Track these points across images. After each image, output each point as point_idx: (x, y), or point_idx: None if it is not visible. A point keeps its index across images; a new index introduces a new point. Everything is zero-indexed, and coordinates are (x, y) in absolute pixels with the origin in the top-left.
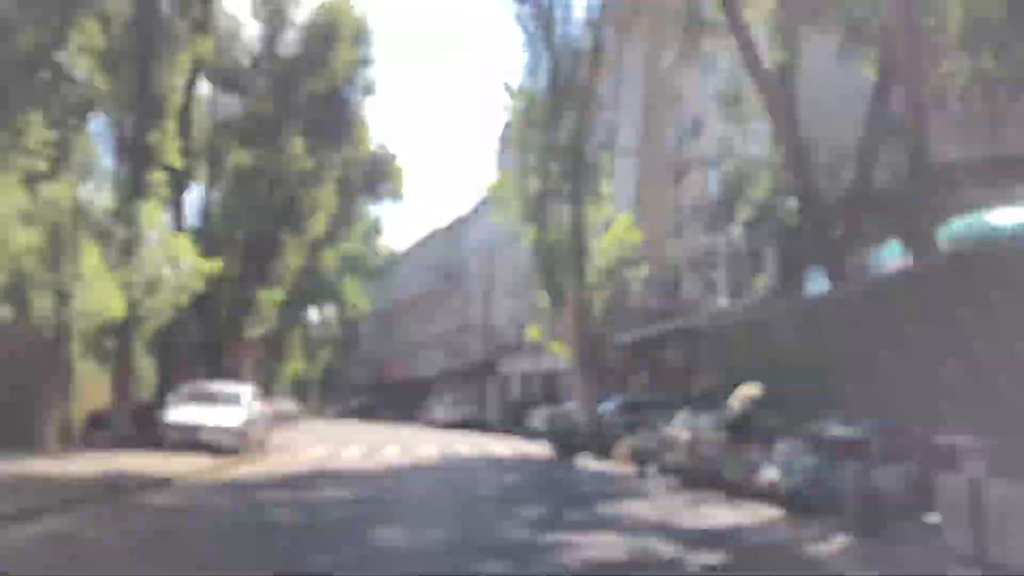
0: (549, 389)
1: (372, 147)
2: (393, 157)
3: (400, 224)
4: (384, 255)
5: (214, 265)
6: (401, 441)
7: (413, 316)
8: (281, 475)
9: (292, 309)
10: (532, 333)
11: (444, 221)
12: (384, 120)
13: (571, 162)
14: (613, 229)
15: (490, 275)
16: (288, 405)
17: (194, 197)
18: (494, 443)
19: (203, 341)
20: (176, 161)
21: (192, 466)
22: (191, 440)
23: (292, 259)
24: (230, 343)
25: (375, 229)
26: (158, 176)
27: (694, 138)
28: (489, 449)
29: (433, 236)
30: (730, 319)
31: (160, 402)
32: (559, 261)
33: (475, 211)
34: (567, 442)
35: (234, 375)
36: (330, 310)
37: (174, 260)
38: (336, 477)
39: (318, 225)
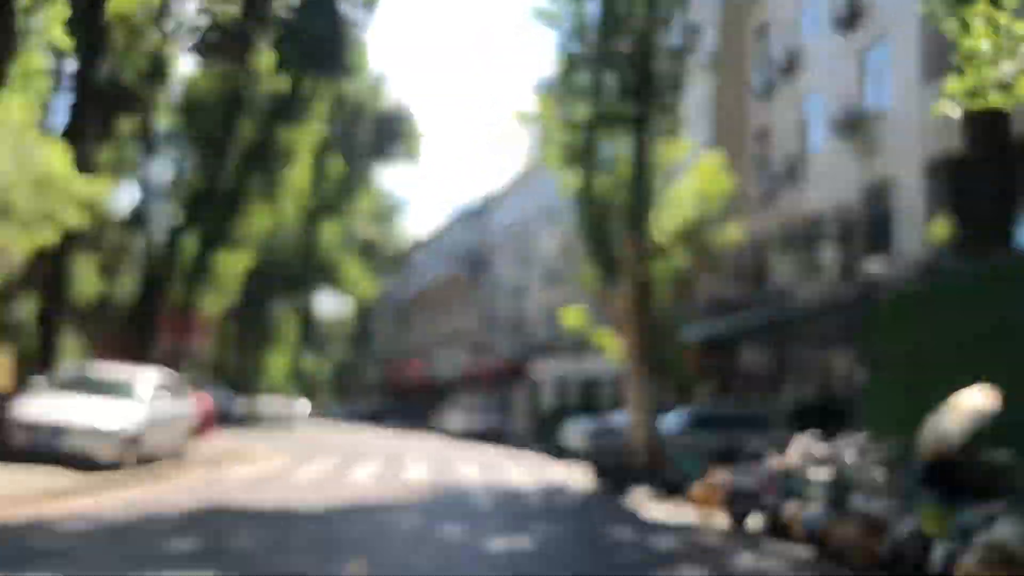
0: (589, 397)
1: (384, 101)
2: (409, 115)
3: (423, 211)
4: (402, 241)
5: (97, 188)
6: (390, 455)
7: (433, 309)
8: (144, 513)
9: (279, 289)
10: (571, 318)
11: (471, 201)
12: (400, 79)
13: (635, 72)
14: (696, 173)
15: (522, 262)
16: (277, 405)
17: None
18: (514, 464)
19: (133, 313)
20: (63, 41)
21: (31, 490)
22: (51, 448)
23: (259, 216)
24: (174, 319)
25: (393, 211)
26: (30, 60)
27: (786, 74)
28: (505, 474)
29: (458, 219)
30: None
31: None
32: (613, 219)
33: (506, 190)
34: (616, 470)
35: (173, 362)
36: (334, 300)
37: (33, 172)
38: (234, 518)
39: (299, 174)
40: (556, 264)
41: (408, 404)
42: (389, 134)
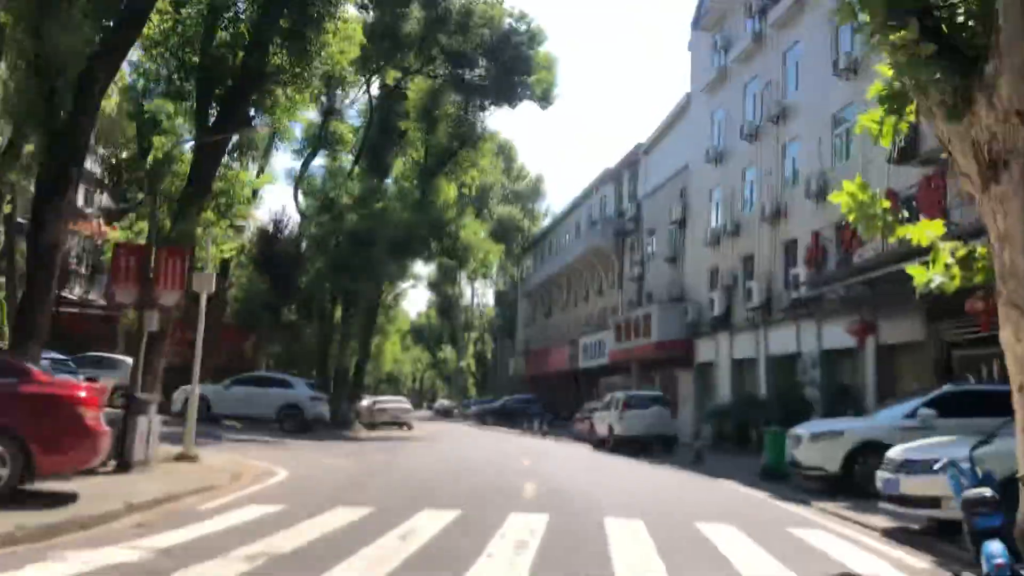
0: (789, 386)
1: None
2: (537, 36)
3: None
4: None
5: None
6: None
7: (573, 289)
8: None
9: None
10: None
11: (616, 162)
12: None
13: None
14: None
15: (683, 222)
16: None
17: None
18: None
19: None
20: None
21: None
22: None
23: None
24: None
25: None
26: None
27: None
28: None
29: (602, 181)
30: None
31: None
32: None
33: (657, 137)
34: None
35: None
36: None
37: None
38: None
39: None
40: (735, 213)
41: (551, 397)
42: (512, 63)
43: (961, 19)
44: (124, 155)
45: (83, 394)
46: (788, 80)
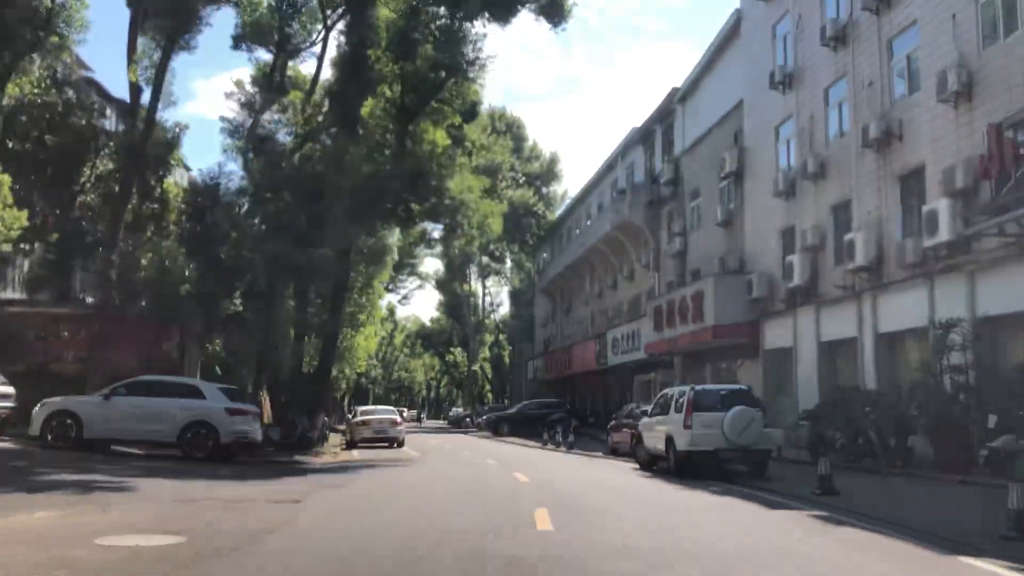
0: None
1: None
2: None
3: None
4: (556, 203)
5: None
6: None
7: (598, 277)
8: None
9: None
10: None
11: (644, 118)
12: None
13: None
14: None
15: (741, 172)
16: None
17: None
18: None
19: None
20: None
21: None
22: None
23: None
24: None
25: (545, 170)
26: None
27: None
28: None
29: (629, 144)
30: None
31: None
32: None
33: (701, 73)
34: None
35: None
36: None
37: None
38: None
39: None
40: (818, 148)
41: (575, 401)
42: None
43: None
44: None
45: None
46: None
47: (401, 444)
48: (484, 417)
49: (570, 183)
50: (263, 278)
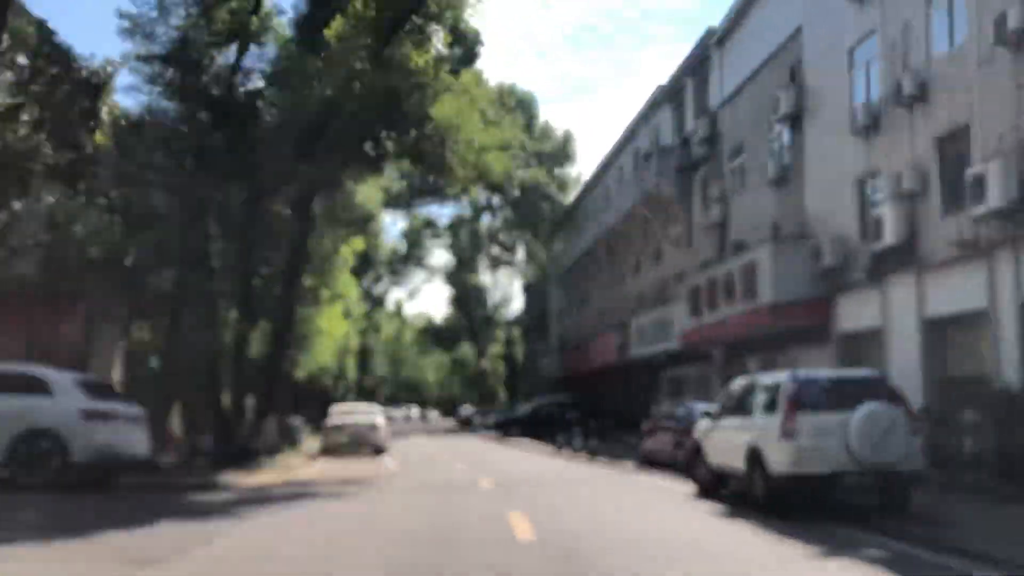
0: None
1: None
2: None
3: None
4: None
5: None
6: None
7: (618, 260)
8: None
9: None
10: None
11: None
12: None
13: None
14: None
15: (800, 113)
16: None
17: None
18: None
19: None
20: None
21: None
22: None
23: None
24: None
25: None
26: None
27: None
28: None
29: (654, 105)
30: None
31: None
32: None
33: (741, 9)
34: None
35: None
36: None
37: None
38: None
39: None
40: (915, 67)
41: (593, 400)
42: None
43: None
44: None
45: None
46: None
47: (383, 451)
48: (492, 417)
49: (585, 168)
50: (190, 234)
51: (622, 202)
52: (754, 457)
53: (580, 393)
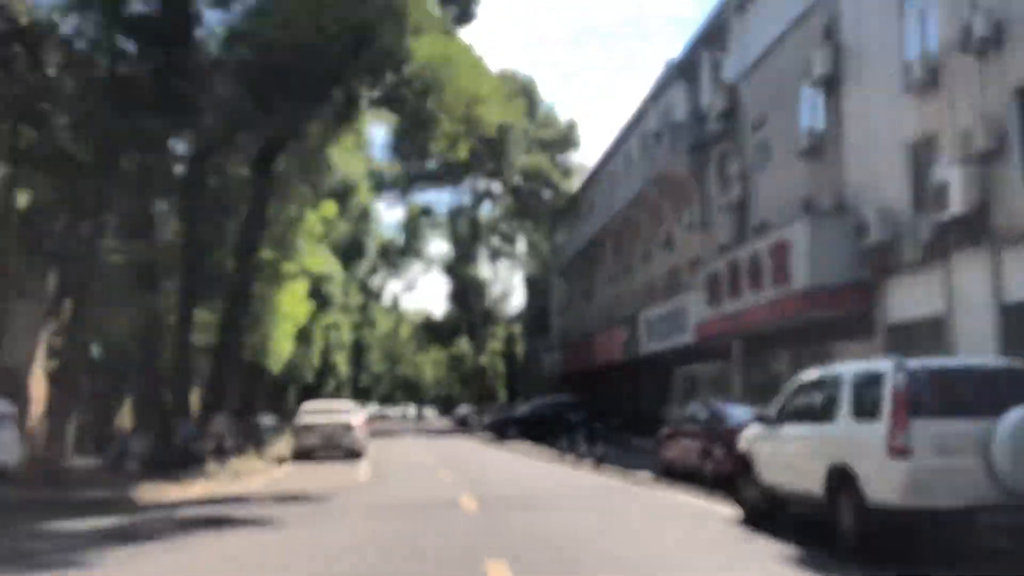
0: None
1: None
2: None
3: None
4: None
5: None
6: None
7: (626, 248)
8: None
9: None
10: None
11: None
12: None
13: None
14: None
15: (837, 74)
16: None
17: None
18: None
19: None
20: None
21: None
22: None
23: None
24: None
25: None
26: None
27: None
28: None
29: (666, 81)
30: None
31: None
32: None
33: None
34: None
35: None
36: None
37: None
38: None
39: None
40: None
41: (598, 401)
42: None
43: None
44: None
45: None
46: None
47: (359, 455)
48: (487, 418)
49: (589, 156)
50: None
51: (630, 186)
52: (840, 480)
53: (583, 393)
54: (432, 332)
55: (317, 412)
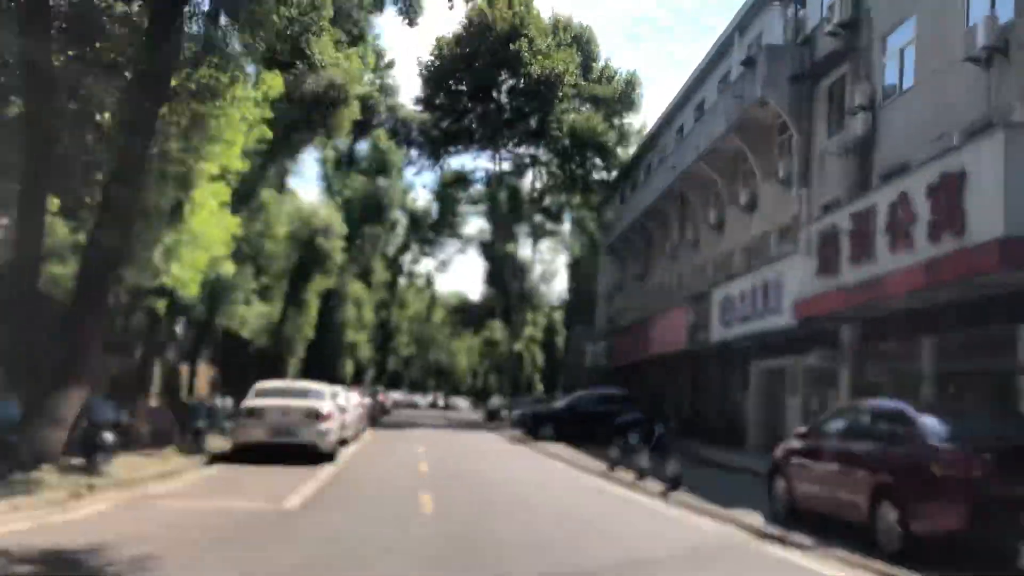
0: None
1: None
2: None
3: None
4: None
5: None
6: None
7: (692, 215)
8: None
9: None
10: None
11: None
12: None
13: None
14: None
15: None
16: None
17: None
18: None
19: None
20: None
21: None
22: None
23: None
24: None
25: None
26: None
27: None
28: None
29: (750, 14)
30: None
31: None
32: None
33: None
34: None
35: None
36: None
37: None
38: None
39: None
40: None
41: (652, 399)
42: None
43: None
44: None
45: None
46: None
47: (328, 455)
48: (516, 413)
49: (651, 119)
50: None
51: (707, 131)
52: None
53: (634, 389)
54: (466, 315)
55: (272, 394)
